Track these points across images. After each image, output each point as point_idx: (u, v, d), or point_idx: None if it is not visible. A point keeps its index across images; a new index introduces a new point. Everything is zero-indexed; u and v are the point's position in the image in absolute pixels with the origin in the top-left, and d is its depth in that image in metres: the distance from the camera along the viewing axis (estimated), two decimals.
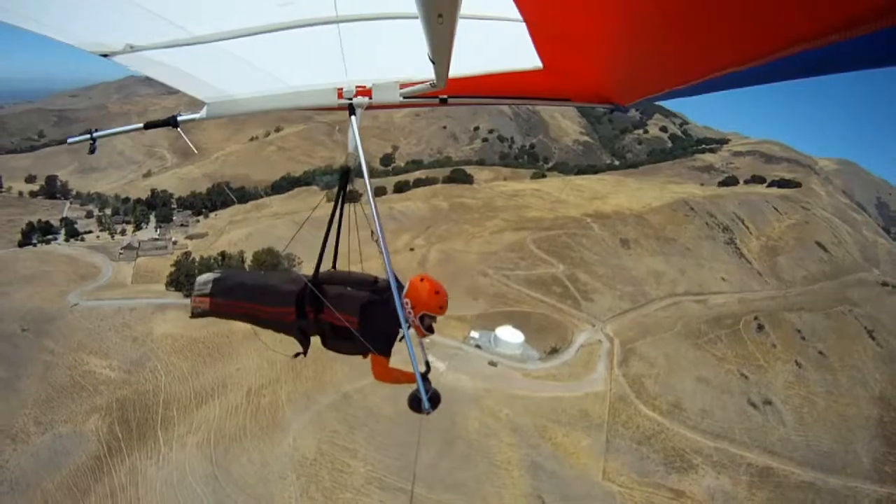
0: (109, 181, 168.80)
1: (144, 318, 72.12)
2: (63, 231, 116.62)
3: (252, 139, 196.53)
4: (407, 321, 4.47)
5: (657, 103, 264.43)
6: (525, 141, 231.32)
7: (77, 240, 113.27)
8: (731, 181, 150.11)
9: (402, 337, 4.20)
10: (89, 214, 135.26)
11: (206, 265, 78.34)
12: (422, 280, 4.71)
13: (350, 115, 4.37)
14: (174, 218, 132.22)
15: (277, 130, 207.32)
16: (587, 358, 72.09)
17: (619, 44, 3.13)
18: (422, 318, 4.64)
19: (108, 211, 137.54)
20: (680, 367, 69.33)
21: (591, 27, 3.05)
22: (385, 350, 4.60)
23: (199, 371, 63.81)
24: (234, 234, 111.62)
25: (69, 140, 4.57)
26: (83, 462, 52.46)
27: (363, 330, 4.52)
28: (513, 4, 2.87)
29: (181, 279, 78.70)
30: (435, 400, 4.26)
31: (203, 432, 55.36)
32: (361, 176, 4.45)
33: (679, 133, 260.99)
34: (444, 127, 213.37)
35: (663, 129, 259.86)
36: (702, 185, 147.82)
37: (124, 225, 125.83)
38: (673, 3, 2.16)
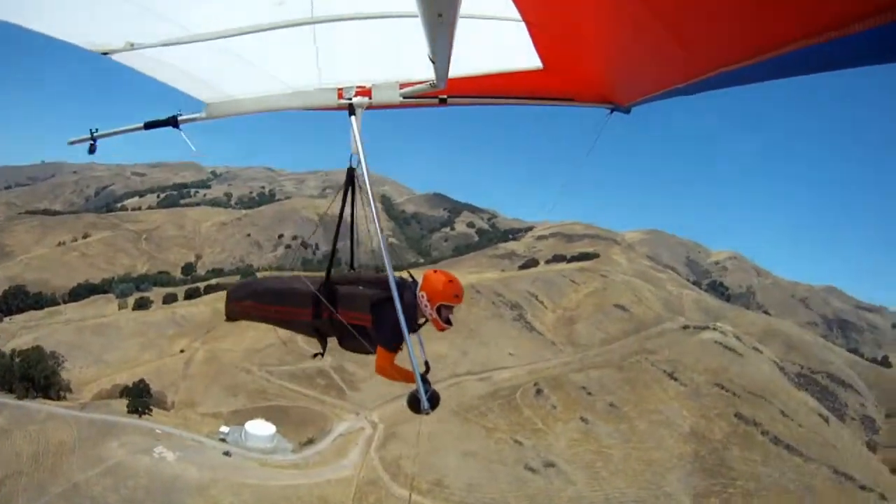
0: None
1: None
2: None
3: (60, 244, 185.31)
4: (424, 316, 4.73)
5: (465, 201, 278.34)
6: (330, 246, 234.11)
7: None
8: (531, 263, 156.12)
9: (421, 326, 4.75)
10: None
11: None
12: (434, 272, 4.80)
13: (350, 115, 4.30)
14: None
15: (85, 237, 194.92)
16: (343, 445, 70.67)
17: (619, 43, 3.09)
18: (439, 311, 4.66)
19: None
20: (443, 444, 68.45)
21: (590, 27, 3.04)
22: (393, 346, 4.62)
23: None
24: (24, 338, 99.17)
25: (70, 140, 4.45)
26: None
27: (375, 326, 4.63)
28: (512, 4, 2.86)
29: None
30: (434, 400, 4.35)
31: None
32: (363, 175, 4.41)
33: (486, 227, 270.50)
34: (248, 235, 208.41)
35: (471, 225, 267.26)
36: (502, 270, 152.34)
37: None
38: (672, 3, 2.19)
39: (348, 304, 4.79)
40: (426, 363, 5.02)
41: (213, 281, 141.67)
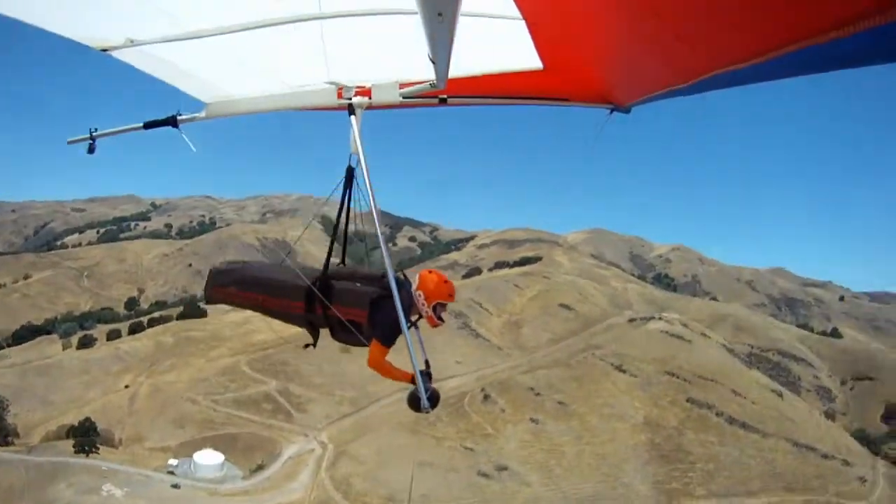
0: None
1: None
2: None
3: (0, 286, 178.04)
4: (419, 314, 4.91)
5: (406, 216, 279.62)
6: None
7: None
8: (474, 272, 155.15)
9: (416, 321, 4.89)
10: None
11: None
12: (430, 272, 4.99)
13: (350, 115, 4.28)
14: None
15: (26, 278, 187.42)
16: (293, 468, 69.21)
17: (619, 44, 3.08)
18: (434, 308, 4.86)
19: None
20: (393, 459, 67.73)
21: (590, 27, 3.03)
22: (388, 342, 4.66)
23: None
24: None
25: (69, 140, 4.41)
26: None
27: (371, 322, 4.68)
28: (512, 3, 2.83)
29: None
30: (434, 399, 4.56)
31: None
32: (362, 175, 4.41)
33: (428, 240, 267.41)
34: (190, 265, 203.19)
35: (412, 239, 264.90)
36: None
37: None
38: (672, 4, 2.18)
39: (345, 300, 4.83)
40: (426, 362, 5.10)
41: (157, 314, 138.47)
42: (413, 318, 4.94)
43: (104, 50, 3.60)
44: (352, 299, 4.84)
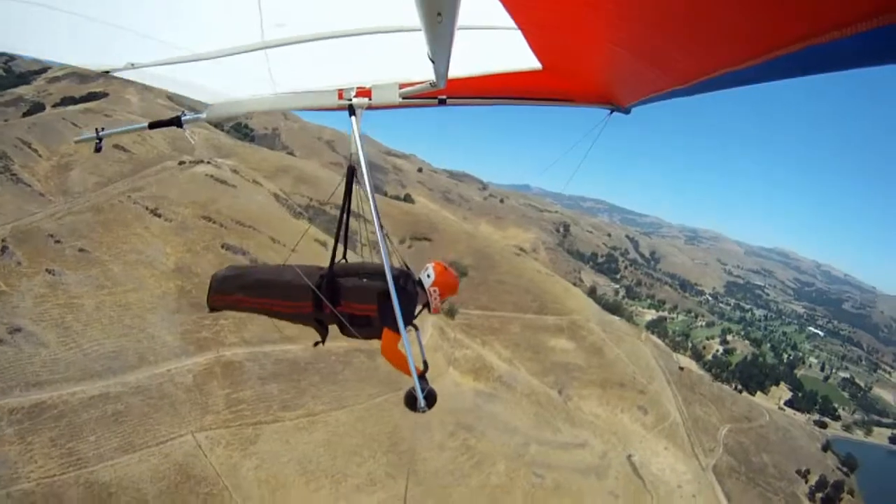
0: None
1: None
2: None
3: None
4: (424, 304, 5.14)
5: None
6: None
7: None
8: (37, 108, 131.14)
9: (423, 310, 5.05)
10: None
11: None
12: (445, 269, 5.20)
13: (350, 115, 4.28)
14: None
15: None
16: None
17: (617, 46, 3.01)
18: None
19: None
20: None
21: (587, 34, 2.98)
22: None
23: None
24: None
25: (75, 139, 4.65)
26: None
27: (382, 315, 4.71)
28: (507, 14, 2.77)
29: None
30: (431, 398, 4.47)
31: None
32: (363, 175, 4.40)
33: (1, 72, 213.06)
34: None
35: None
36: (6, 120, 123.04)
37: None
38: (671, 5, 2.14)
39: (355, 297, 4.91)
40: (424, 362, 5.14)
41: None
42: (420, 307, 5.13)
43: (105, 72, 3.69)
44: (361, 295, 4.92)
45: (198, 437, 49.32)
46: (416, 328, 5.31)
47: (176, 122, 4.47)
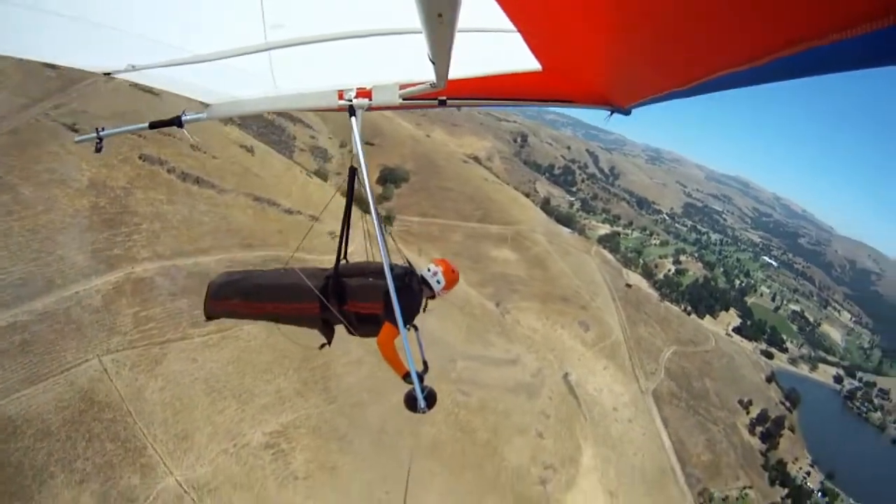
0: None
1: None
2: None
3: None
4: (432, 296, 5.40)
5: None
6: None
7: None
8: None
9: (425, 306, 5.20)
10: None
11: None
12: (453, 271, 5.45)
13: (350, 116, 4.28)
14: None
15: None
16: None
17: (617, 46, 3.02)
18: None
19: None
20: None
21: (587, 31, 2.95)
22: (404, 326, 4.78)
23: None
24: None
25: (76, 139, 4.63)
26: None
27: (386, 312, 4.76)
28: (505, 17, 2.77)
29: None
30: (431, 399, 4.55)
31: None
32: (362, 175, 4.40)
33: None
34: None
35: None
36: None
37: None
38: (671, 6, 2.10)
39: (360, 296, 4.97)
40: (424, 362, 5.21)
41: None
42: (424, 299, 5.30)
43: (107, 74, 3.66)
44: (366, 294, 4.99)
45: (104, 360, 46.87)
46: (416, 328, 5.35)
47: (176, 122, 4.48)
